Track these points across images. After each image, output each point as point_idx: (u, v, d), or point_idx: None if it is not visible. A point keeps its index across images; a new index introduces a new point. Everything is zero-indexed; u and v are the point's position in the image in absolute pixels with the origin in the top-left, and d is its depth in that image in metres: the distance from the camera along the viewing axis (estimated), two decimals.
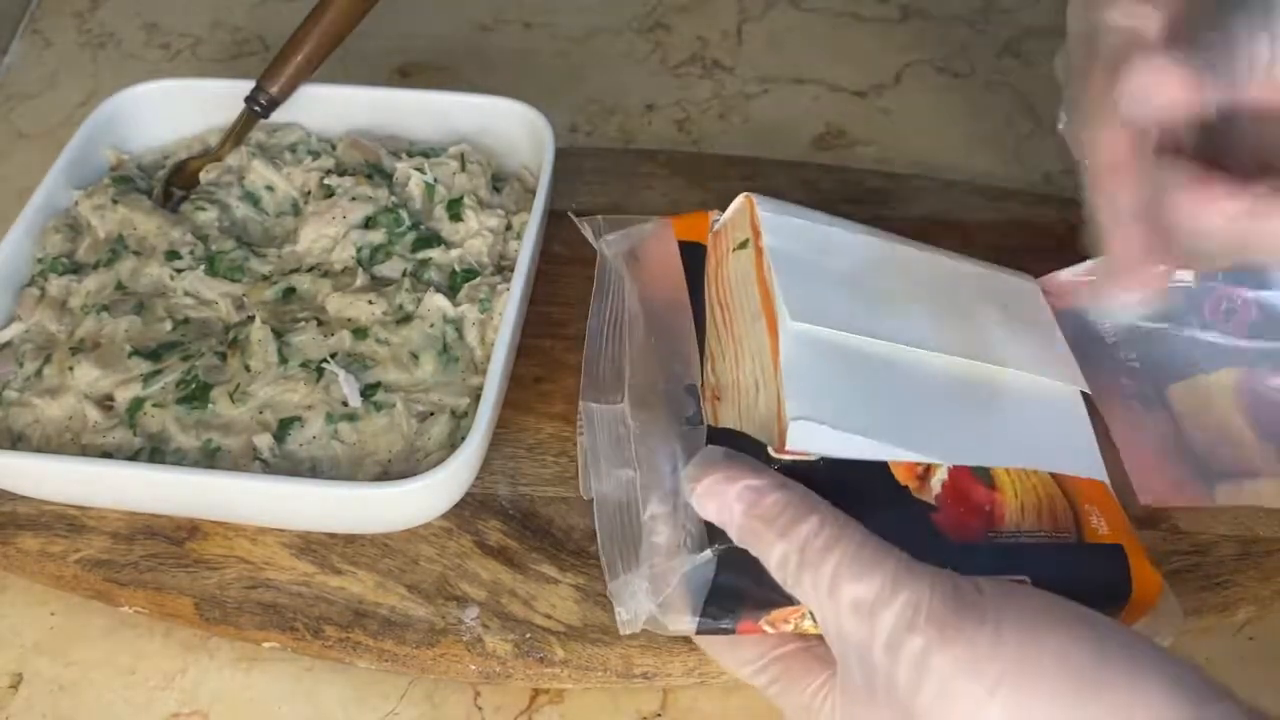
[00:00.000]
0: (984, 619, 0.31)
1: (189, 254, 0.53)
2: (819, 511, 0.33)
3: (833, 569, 0.32)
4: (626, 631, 0.36)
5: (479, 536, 0.47)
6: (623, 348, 0.42)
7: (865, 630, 0.31)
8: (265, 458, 0.46)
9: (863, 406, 0.38)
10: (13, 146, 0.70)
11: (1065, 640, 0.30)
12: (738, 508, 0.34)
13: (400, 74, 0.73)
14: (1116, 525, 0.39)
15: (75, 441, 0.47)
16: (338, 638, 0.45)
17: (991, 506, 0.37)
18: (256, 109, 0.57)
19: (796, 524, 0.33)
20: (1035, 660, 0.30)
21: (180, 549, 0.47)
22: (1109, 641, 0.31)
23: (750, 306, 0.41)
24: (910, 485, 0.37)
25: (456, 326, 0.50)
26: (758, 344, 0.39)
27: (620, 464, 0.38)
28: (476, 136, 0.58)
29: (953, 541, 0.36)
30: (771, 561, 0.33)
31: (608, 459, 0.39)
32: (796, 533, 0.33)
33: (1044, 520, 0.38)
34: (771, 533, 0.33)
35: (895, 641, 0.31)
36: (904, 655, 0.31)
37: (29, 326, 0.51)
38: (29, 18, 0.79)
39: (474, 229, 0.54)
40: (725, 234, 0.44)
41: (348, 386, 0.47)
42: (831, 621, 0.32)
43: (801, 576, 0.32)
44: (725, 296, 0.42)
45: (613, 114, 0.71)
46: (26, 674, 0.47)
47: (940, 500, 0.37)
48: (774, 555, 0.33)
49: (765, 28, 0.76)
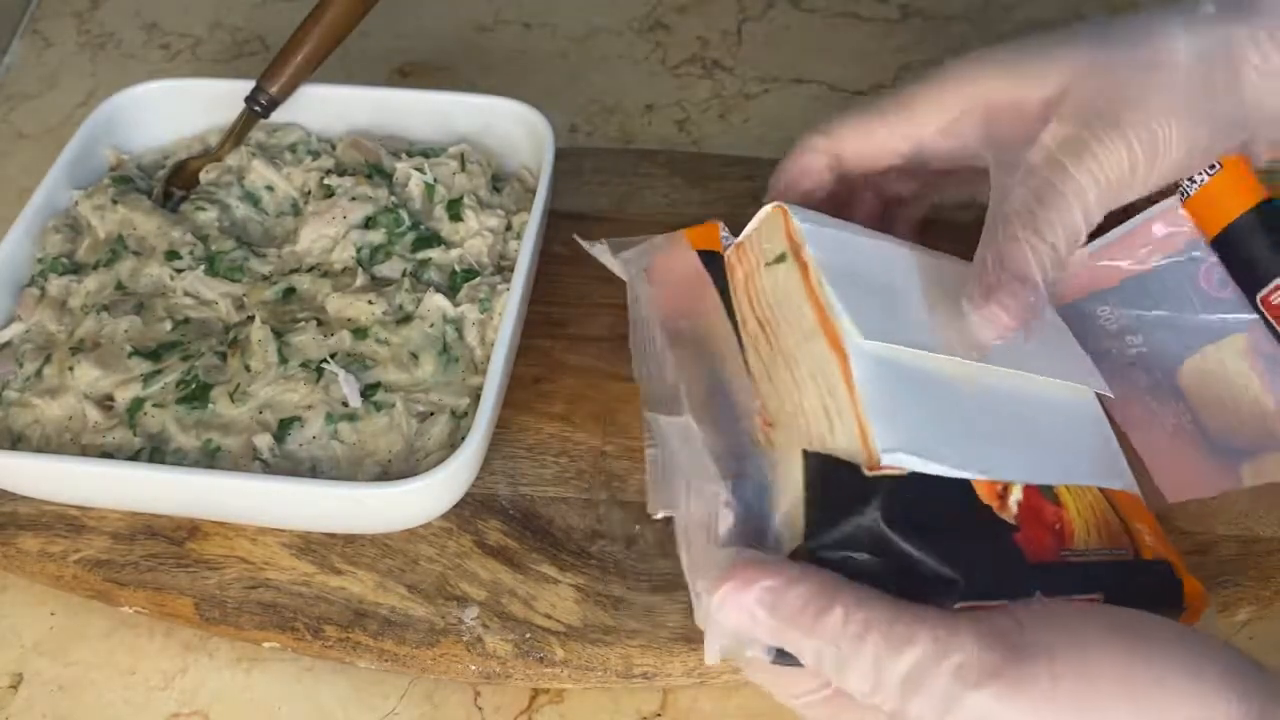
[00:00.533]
0: (1035, 657, 0.30)
1: (189, 254, 0.53)
2: (841, 599, 0.31)
3: (873, 654, 0.31)
4: (713, 661, 0.34)
5: (479, 536, 0.47)
6: (664, 360, 0.41)
7: (921, 704, 0.30)
8: (265, 458, 0.46)
9: (942, 429, 0.36)
10: (13, 146, 0.70)
11: (1120, 657, 0.30)
12: (760, 614, 0.32)
13: (400, 74, 0.73)
14: (1159, 538, 0.38)
15: (75, 441, 0.47)
16: (338, 638, 0.45)
17: (1061, 525, 0.36)
18: (256, 109, 0.57)
19: (822, 618, 0.31)
20: (1095, 689, 0.29)
21: (180, 549, 0.47)
22: (1164, 645, 0.30)
23: (802, 324, 0.38)
24: (993, 504, 0.35)
25: (456, 326, 0.50)
26: (818, 365, 0.37)
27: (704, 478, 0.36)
28: (476, 136, 0.58)
29: (1031, 562, 0.35)
30: (807, 660, 0.32)
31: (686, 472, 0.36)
32: (824, 627, 0.31)
33: (1104, 538, 0.37)
34: (798, 633, 0.32)
35: (953, 706, 0.30)
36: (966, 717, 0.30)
37: (29, 326, 0.51)
38: (29, 18, 0.79)
39: (474, 229, 0.54)
40: (752, 247, 0.42)
41: (348, 386, 0.47)
42: (887, 705, 0.31)
43: (843, 671, 0.31)
44: (764, 314, 0.40)
45: (613, 114, 0.71)
46: (26, 674, 0.47)
47: (1019, 519, 0.35)
48: (808, 654, 0.32)
49: (765, 28, 0.76)
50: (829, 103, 0.71)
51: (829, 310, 0.37)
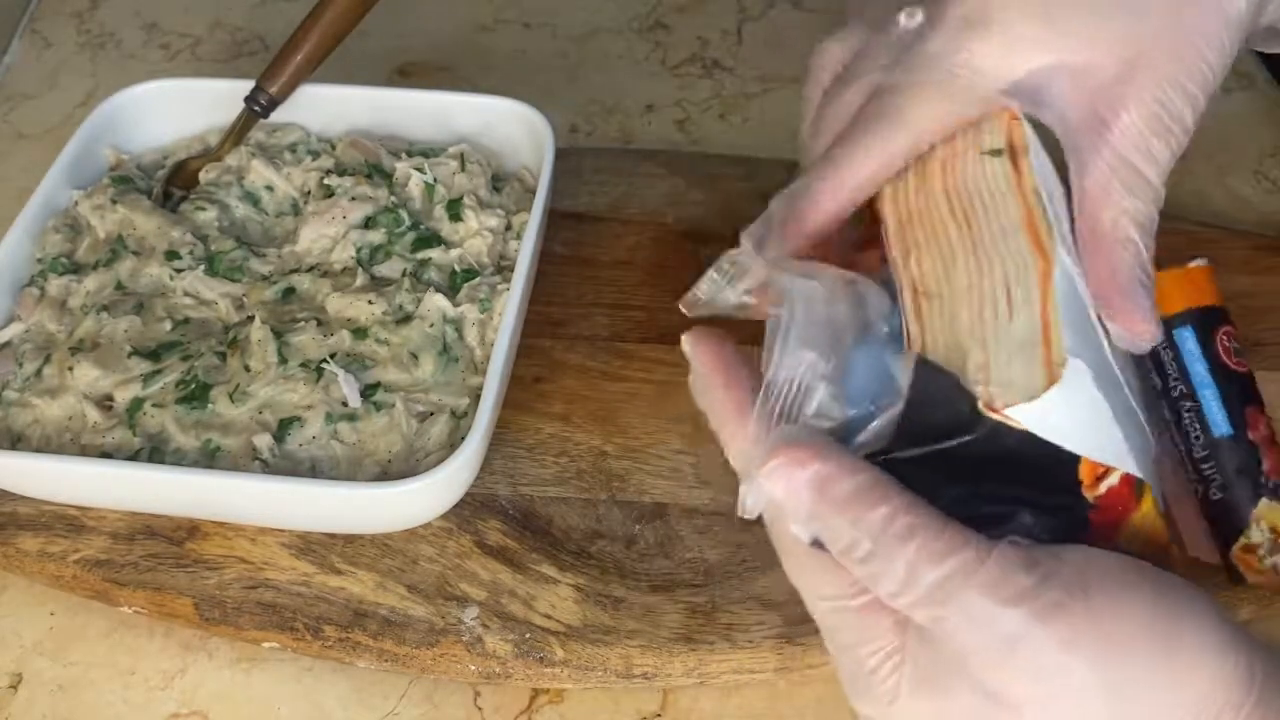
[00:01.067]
0: (1071, 588, 0.30)
1: (189, 254, 0.53)
2: (891, 500, 0.31)
3: (911, 555, 0.30)
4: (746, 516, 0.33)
5: (479, 536, 0.47)
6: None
7: (949, 612, 0.30)
8: (265, 458, 0.46)
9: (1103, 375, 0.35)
10: (13, 146, 0.70)
11: (1148, 604, 0.30)
12: (805, 494, 0.32)
13: (400, 74, 0.73)
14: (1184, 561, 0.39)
15: (75, 442, 0.47)
16: (337, 638, 0.45)
17: (1122, 521, 0.36)
18: (256, 109, 0.57)
19: (870, 511, 0.31)
20: (1125, 628, 0.30)
21: (180, 549, 0.47)
22: (1188, 601, 0.31)
23: (1005, 216, 0.37)
24: (1085, 481, 0.35)
25: (456, 326, 0.50)
26: (1017, 259, 0.36)
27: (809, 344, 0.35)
28: (476, 136, 0.58)
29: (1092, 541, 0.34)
30: (839, 547, 0.32)
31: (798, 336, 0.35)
32: (868, 520, 0.31)
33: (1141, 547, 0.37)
34: (843, 520, 0.31)
35: (984, 620, 0.30)
36: (995, 635, 0.30)
37: (29, 326, 0.51)
38: (29, 18, 0.79)
39: (474, 229, 0.54)
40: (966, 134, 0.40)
41: (347, 386, 0.47)
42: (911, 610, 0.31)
43: (873, 565, 0.31)
44: (959, 192, 0.39)
45: (613, 114, 0.71)
46: (26, 674, 0.46)
47: (1100, 501, 0.35)
48: (841, 541, 0.32)
49: (765, 28, 0.76)
50: None
51: (1038, 217, 0.37)
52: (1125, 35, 0.38)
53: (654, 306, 0.56)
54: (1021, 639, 0.30)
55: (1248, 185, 0.65)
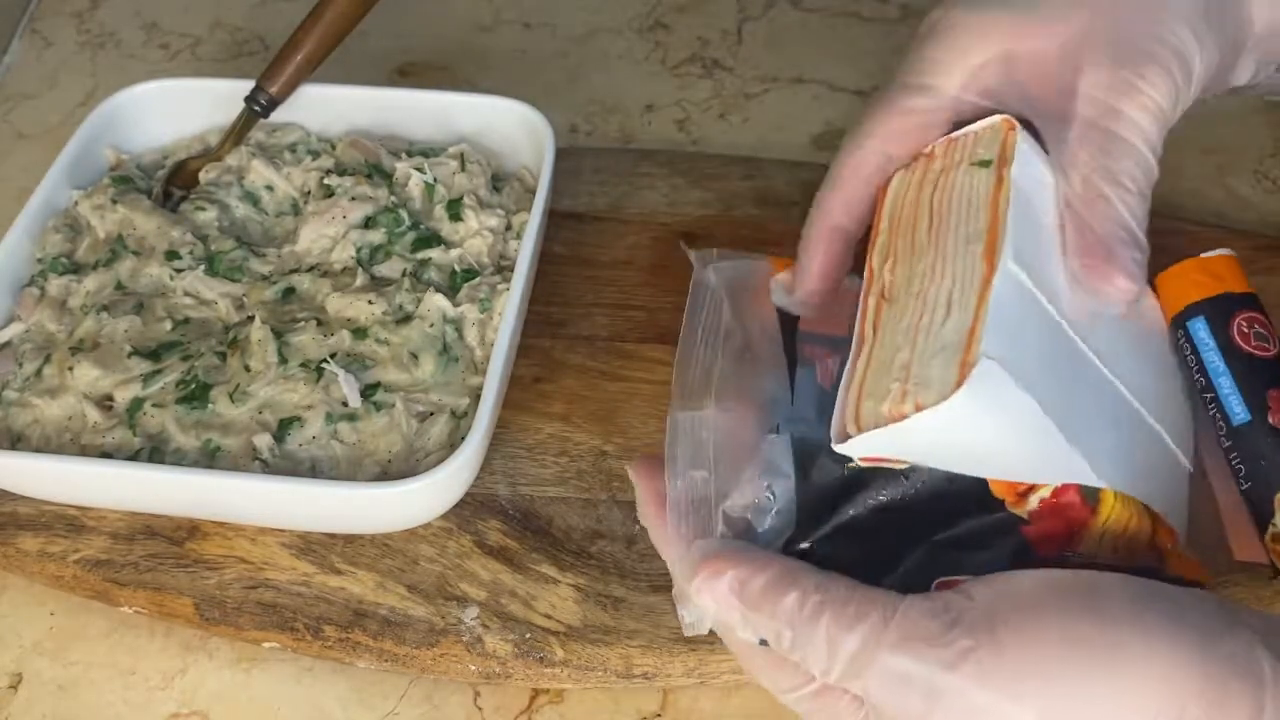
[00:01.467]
0: (975, 625, 0.30)
1: (189, 254, 0.53)
2: (800, 584, 0.32)
3: (825, 631, 0.31)
4: (690, 634, 0.36)
5: (479, 536, 0.47)
6: (715, 357, 0.41)
7: (871, 677, 0.31)
8: (265, 458, 0.46)
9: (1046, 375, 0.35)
10: (13, 146, 0.70)
11: (1071, 620, 0.30)
12: (731, 600, 0.33)
13: (400, 74, 0.73)
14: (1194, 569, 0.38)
15: (75, 442, 0.47)
16: (337, 638, 0.45)
17: (1079, 528, 0.36)
18: (256, 109, 0.57)
19: (781, 600, 0.32)
20: (1039, 653, 0.30)
21: (180, 549, 0.47)
22: (1111, 599, 0.30)
23: (969, 226, 0.38)
24: (1007, 499, 0.35)
25: (456, 326, 0.50)
26: (966, 267, 0.37)
27: (696, 465, 0.37)
28: (476, 136, 0.58)
29: (1038, 555, 0.35)
30: (771, 640, 0.33)
31: (684, 460, 0.37)
32: (782, 608, 0.32)
33: (1122, 553, 0.36)
34: (760, 615, 0.33)
35: (901, 679, 0.30)
36: (916, 691, 0.30)
37: (29, 326, 0.51)
38: (29, 18, 0.79)
39: (474, 229, 0.54)
40: (964, 145, 0.41)
41: (347, 386, 0.47)
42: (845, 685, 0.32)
43: (800, 649, 0.32)
44: (942, 204, 0.40)
45: (613, 114, 0.71)
46: (26, 674, 0.47)
47: (1034, 515, 0.35)
48: (770, 634, 0.33)
49: (765, 27, 0.76)
50: (829, 103, 0.71)
51: (999, 225, 0.37)
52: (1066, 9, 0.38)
53: (654, 306, 0.56)
54: (941, 691, 0.30)
55: (1248, 185, 0.65)
